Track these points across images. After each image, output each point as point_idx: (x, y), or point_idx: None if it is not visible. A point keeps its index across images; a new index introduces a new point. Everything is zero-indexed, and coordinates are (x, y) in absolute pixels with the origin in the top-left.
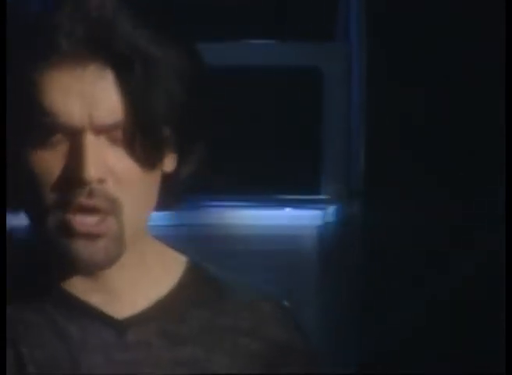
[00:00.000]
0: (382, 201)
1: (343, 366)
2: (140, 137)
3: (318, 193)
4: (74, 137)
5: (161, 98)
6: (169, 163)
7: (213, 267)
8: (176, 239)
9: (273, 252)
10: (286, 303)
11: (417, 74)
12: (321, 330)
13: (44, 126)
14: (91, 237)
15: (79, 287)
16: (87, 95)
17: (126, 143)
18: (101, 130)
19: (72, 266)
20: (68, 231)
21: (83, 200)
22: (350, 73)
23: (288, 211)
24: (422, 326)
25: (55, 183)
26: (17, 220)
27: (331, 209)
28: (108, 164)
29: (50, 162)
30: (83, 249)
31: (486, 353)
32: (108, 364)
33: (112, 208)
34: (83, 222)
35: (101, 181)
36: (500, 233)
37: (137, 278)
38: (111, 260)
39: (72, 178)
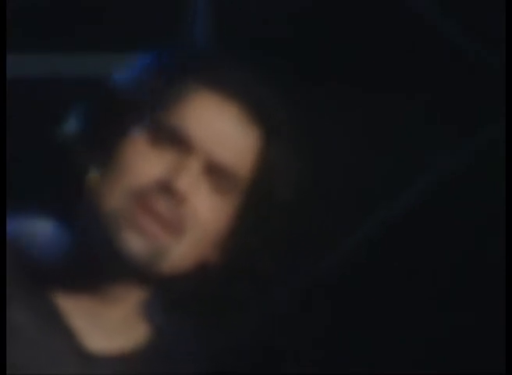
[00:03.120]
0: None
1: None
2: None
3: None
4: (185, 153)
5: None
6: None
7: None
8: None
9: None
10: None
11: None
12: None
13: (166, 132)
14: (145, 235)
15: (73, 305)
16: (222, 131)
17: (222, 196)
18: (210, 164)
19: (112, 256)
20: (131, 223)
21: (161, 206)
22: None
23: None
24: (422, 326)
25: (144, 182)
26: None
27: None
28: (195, 197)
29: (150, 161)
30: (134, 241)
31: (486, 353)
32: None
33: (174, 229)
34: (151, 221)
35: (181, 201)
36: (500, 232)
37: (119, 326)
38: (145, 264)
39: (164, 182)
